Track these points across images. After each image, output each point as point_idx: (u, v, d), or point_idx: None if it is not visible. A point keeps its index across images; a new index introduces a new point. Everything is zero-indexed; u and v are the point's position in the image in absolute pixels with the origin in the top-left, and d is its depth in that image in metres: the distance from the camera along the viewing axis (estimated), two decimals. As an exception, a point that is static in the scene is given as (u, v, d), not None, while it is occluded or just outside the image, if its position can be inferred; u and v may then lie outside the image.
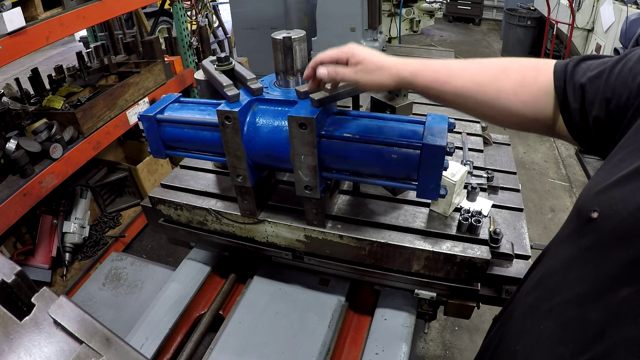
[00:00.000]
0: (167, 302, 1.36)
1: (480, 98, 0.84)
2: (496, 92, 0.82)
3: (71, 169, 2.41)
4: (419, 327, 1.46)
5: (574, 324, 0.64)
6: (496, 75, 0.83)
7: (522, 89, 0.80)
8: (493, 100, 0.83)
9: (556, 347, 0.66)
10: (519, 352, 0.74)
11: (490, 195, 1.44)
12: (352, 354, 1.28)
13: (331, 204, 1.27)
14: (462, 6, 8.38)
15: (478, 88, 0.84)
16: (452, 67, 0.87)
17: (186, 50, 3.53)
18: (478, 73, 0.85)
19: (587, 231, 0.65)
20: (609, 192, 0.62)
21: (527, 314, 0.77)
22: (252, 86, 1.12)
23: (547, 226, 3.34)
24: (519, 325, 0.78)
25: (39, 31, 2.01)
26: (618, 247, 0.59)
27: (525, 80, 0.81)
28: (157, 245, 3.23)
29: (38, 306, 0.53)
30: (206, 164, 1.54)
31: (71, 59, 5.50)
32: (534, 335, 0.72)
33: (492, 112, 0.85)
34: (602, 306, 0.60)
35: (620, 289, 0.58)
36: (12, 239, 2.65)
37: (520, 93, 0.80)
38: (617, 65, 0.70)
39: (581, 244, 0.67)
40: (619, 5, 3.96)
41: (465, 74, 0.85)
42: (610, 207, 0.61)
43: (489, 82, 0.83)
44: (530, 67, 0.82)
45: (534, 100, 0.80)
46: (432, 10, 5.44)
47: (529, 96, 0.80)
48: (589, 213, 0.64)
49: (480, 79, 0.84)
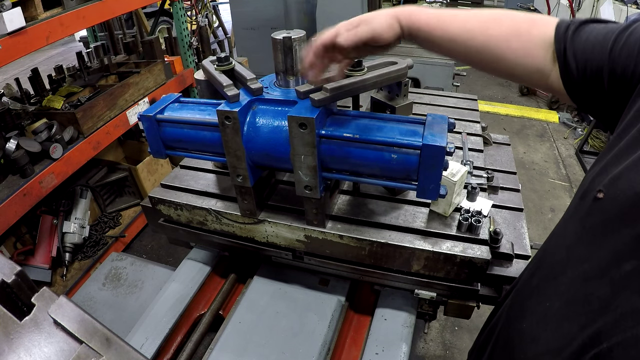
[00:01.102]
0: (167, 302, 1.36)
1: (470, 44, 0.84)
2: (486, 38, 0.82)
3: (71, 169, 2.41)
4: (419, 327, 1.46)
5: (579, 300, 0.65)
6: (488, 22, 0.83)
7: (513, 37, 0.80)
8: (482, 46, 0.83)
9: (562, 323, 0.67)
10: (525, 330, 0.75)
11: (490, 195, 1.44)
12: (352, 354, 1.28)
13: (331, 204, 1.27)
14: (462, 6, 8.38)
15: (468, 34, 0.84)
16: (443, 13, 0.87)
17: (186, 50, 3.54)
18: (469, 20, 0.85)
19: (592, 210, 0.66)
20: (615, 172, 0.63)
21: (531, 294, 0.78)
22: (252, 86, 1.12)
23: (547, 226, 3.34)
24: (524, 305, 0.79)
25: (39, 31, 2.01)
26: (623, 225, 0.60)
27: (518, 30, 0.80)
28: (157, 245, 3.23)
29: (38, 306, 0.53)
30: (206, 164, 1.54)
31: (71, 59, 5.51)
32: (539, 313, 0.73)
33: (480, 57, 0.85)
34: (607, 281, 0.61)
35: (624, 263, 0.59)
36: (12, 239, 2.65)
37: (511, 41, 0.80)
38: (623, 35, 0.69)
39: (585, 223, 0.68)
40: (619, 5, 3.96)
41: (456, 20, 0.86)
42: (617, 187, 0.62)
43: (479, 28, 0.83)
44: (524, 19, 0.82)
45: (525, 50, 0.79)
46: (432, 10, 5.43)
47: (520, 45, 0.80)
48: (595, 193, 0.65)
49: (471, 25, 0.84)
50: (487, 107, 5.20)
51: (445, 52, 0.89)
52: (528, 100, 5.41)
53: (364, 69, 1.09)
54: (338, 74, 1.02)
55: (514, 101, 5.40)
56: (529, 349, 0.74)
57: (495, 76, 0.91)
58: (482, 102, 5.25)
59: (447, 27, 0.85)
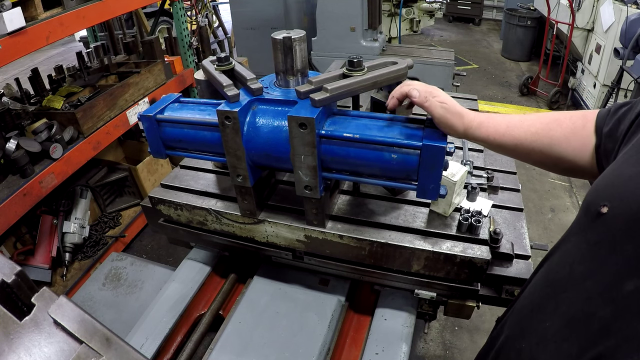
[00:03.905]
0: (167, 302, 1.36)
1: (535, 146, 0.92)
2: (549, 140, 0.90)
3: (71, 169, 2.41)
4: (419, 327, 1.46)
5: (580, 320, 0.64)
6: (549, 124, 0.91)
7: (572, 135, 0.87)
8: (547, 147, 0.90)
9: (562, 344, 0.66)
10: (524, 350, 0.74)
11: (490, 195, 1.44)
12: (352, 354, 1.28)
13: (331, 204, 1.27)
14: (462, 6, 8.38)
15: (534, 137, 0.92)
16: (511, 119, 0.96)
17: (186, 50, 3.53)
18: (533, 124, 0.93)
19: (595, 226, 0.66)
20: (619, 187, 0.64)
21: (532, 312, 0.77)
22: (252, 86, 1.12)
23: (547, 226, 3.34)
24: (524, 323, 0.79)
25: (39, 31, 2.01)
26: (626, 241, 0.60)
27: (575, 128, 0.87)
28: (157, 245, 3.23)
29: (38, 306, 0.53)
30: (206, 164, 1.54)
31: (71, 59, 5.51)
32: (539, 333, 0.72)
33: (546, 159, 0.92)
34: (608, 301, 0.60)
35: (626, 282, 0.58)
36: (12, 239, 2.65)
37: (571, 139, 0.87)
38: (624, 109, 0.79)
39: (589, 239, 0.68)
40: (619, 5, 3.96)
41: (522, 124, 0.94)
42: (621, 201, 0.62)
43: (543, 130, 0.91)
44: (579, 116, 0.89)
45: (582, 145, 0.86)
46: (432, 10, 5.44)
47: (578, 142, 0.86)
48: (598, 208, 0.65)
49: (536, 128, 0.92)
50: (487, 107, 5.20)
51: (513, 154, 0.98)
52: (528, 100, 5.41)
53: (364, 69, 1.09)
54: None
55: (514, 101, 5.40)
56: None
57: (557, 174, 1.01)
58: (482, 102, 5.25)
59: (514, 132, 0.94)
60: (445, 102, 0.95)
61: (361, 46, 4.13)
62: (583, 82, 4.85)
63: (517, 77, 6.03)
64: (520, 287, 1.20)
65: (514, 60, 6.67)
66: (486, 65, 6.57)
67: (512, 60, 6.68)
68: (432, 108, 0.96)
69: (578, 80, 4.96)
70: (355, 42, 4.14)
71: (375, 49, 4.14)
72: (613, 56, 3.86)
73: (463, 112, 0.96)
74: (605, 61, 4.20)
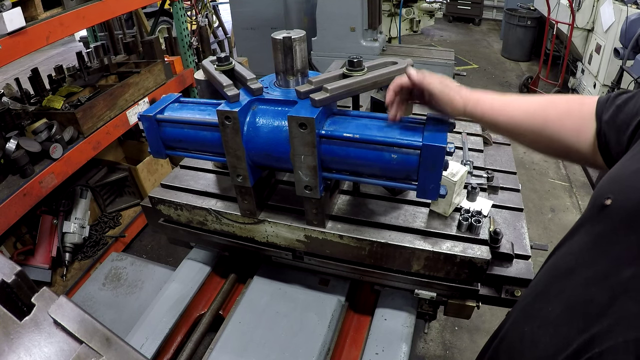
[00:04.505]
0: (167, 302, 1.36)
1: (529, 126, 0.92)
2: (543, 120, 0.89)
3: (71, 169, 2.41)
4: (419, 327, 1.46)
5: (579, 305, 0.67)
6: (544, 104, 0.91)
7: (567, 117, 0.87)
8: (540, 127, 0.90)
9: (561, 327, 0.69)
10: (526, 333, 0.77)
11: (490, 195, 1.44)
12: (352, 354, 1.28)
13: (331, 204, 1.27)
14: (462, 6, 8.38)
15: (527, 116, 0.92)
16: (506, 98, 0.96)
17: (186, 50, 3.53)
18: (529, 103, 0.93)
19: (600, 217, 0.69)
20: (623, 180, 0.67)
21: (536, 298, 0.80)
22: (252, 86, 1.12)
23: (547, 226, 3.34)
24: (528, 308, 0.81)
25: (39, 31, 2.01)
26: (628, 231, 0.62)
27: (570, 110, 0.88)
28: (157, 245, 3.23)
29: (38, 306, 0.53)
30: (206, 164, 1.54)
31: (71, 59, 5.50)
32: (541, 317, 0.74)
33: (540, 138, 0.92)
34: (607, 287, 0.63)
35: (625, 269, 0.61)
36: (12, 239, 2.65)
37: (565, 121, 0.87)
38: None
39: (594, 230, 0.70)
40: (619, 5, 3.96)
41: (518, 103, 0.94)
42: (624, 194, 0.65)
43: (537, 110, 0.91)
44: (575, 100, 0.90)
45: (577, 128, 0.85)
46: (432, 10, 5.44)
47: (573, 124, 0.86)
48: (603, 200, 0.68)
49: (530, 107, 0.92)
50: (487, 107, 5.18)
51: (507, 133, 0.97)
52: (528, 100, 5.40)
53: (364, 69, 1.09)
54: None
55: (514, 101, 5.39)
56: (528, 353, 0.75)
57: (552, 157, 1.01)
58: (482, 102, 5.23)
59: (509, 111, 0.93)
60: (443, 79, 0.97)
61: (361, 46, 4.13)
62: (583, 82, 4.85)
63: (517, 77, 6.03)
64: (520, 287, 1.21)
65: (514, 60, 6.67)
66: (486, 65, 6.57)
67: (512, 60, 6.68)
68: (432, 84, 0.97)
69: (578, 80, 4.96)
70: (355, 42, 4.14)
71: (375, 49, 4.14)
72: (613, 56, 3.86)
73: (461, 88, 0.97)
74: (605, 61, 4.21)
